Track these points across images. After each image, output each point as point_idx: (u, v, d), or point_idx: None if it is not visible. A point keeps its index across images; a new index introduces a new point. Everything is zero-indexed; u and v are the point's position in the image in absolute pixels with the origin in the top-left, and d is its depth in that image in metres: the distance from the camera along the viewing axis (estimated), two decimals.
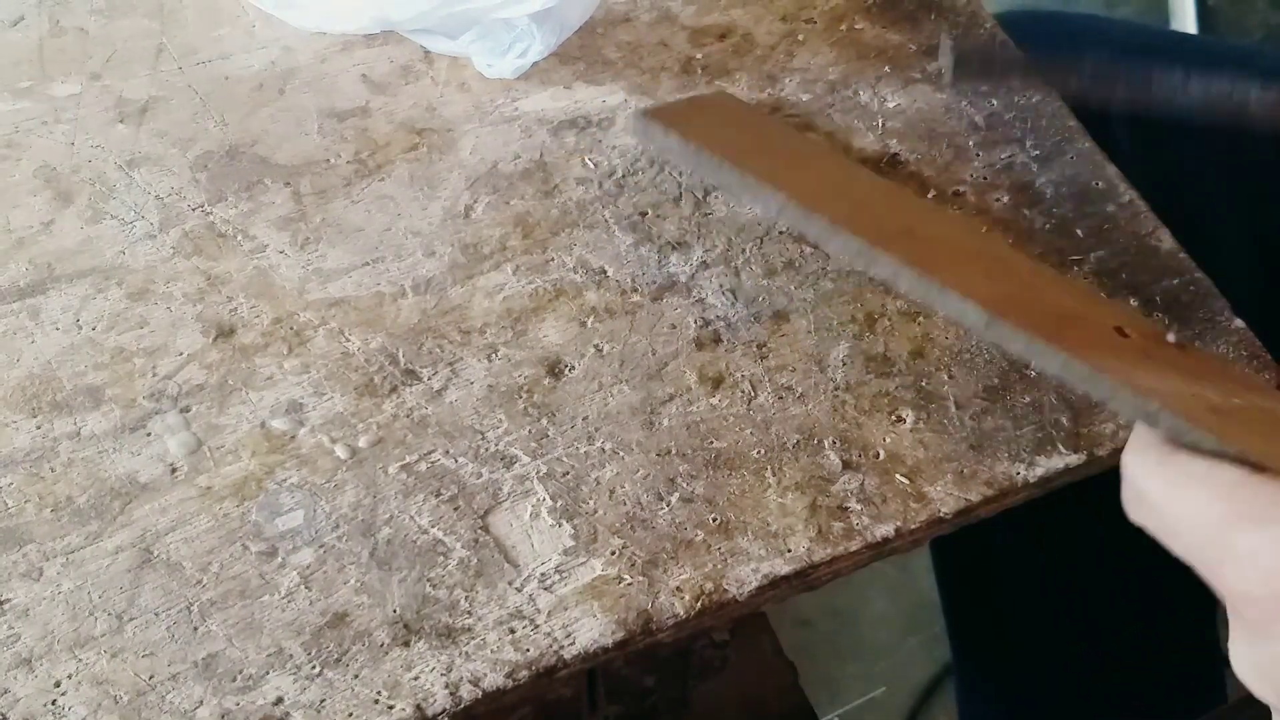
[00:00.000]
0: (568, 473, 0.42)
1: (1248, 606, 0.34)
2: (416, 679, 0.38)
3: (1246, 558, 0.34)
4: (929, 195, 0.49)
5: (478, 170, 0.50)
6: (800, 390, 0.45)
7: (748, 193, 0.44)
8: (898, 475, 0.43)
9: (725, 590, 0.40)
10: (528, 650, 0.39)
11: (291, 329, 0.45)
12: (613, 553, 0.41)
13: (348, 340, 0.45)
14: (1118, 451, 0.41)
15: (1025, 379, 0.45)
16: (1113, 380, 0.36)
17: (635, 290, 0.47)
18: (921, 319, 0.46)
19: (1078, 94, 0.42)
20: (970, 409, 0.44)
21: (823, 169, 0.48)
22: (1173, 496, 0.36)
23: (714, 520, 0.42)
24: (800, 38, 0.55)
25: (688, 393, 0.44)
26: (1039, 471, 0.43)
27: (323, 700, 0.38)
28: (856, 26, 0.55)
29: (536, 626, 0.39)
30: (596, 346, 0.45)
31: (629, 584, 0.40)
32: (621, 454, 0.43)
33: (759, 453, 0.43)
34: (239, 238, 0.48)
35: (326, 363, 0.45)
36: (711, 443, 0.43)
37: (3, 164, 0.49)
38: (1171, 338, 0.42)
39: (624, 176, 0.50)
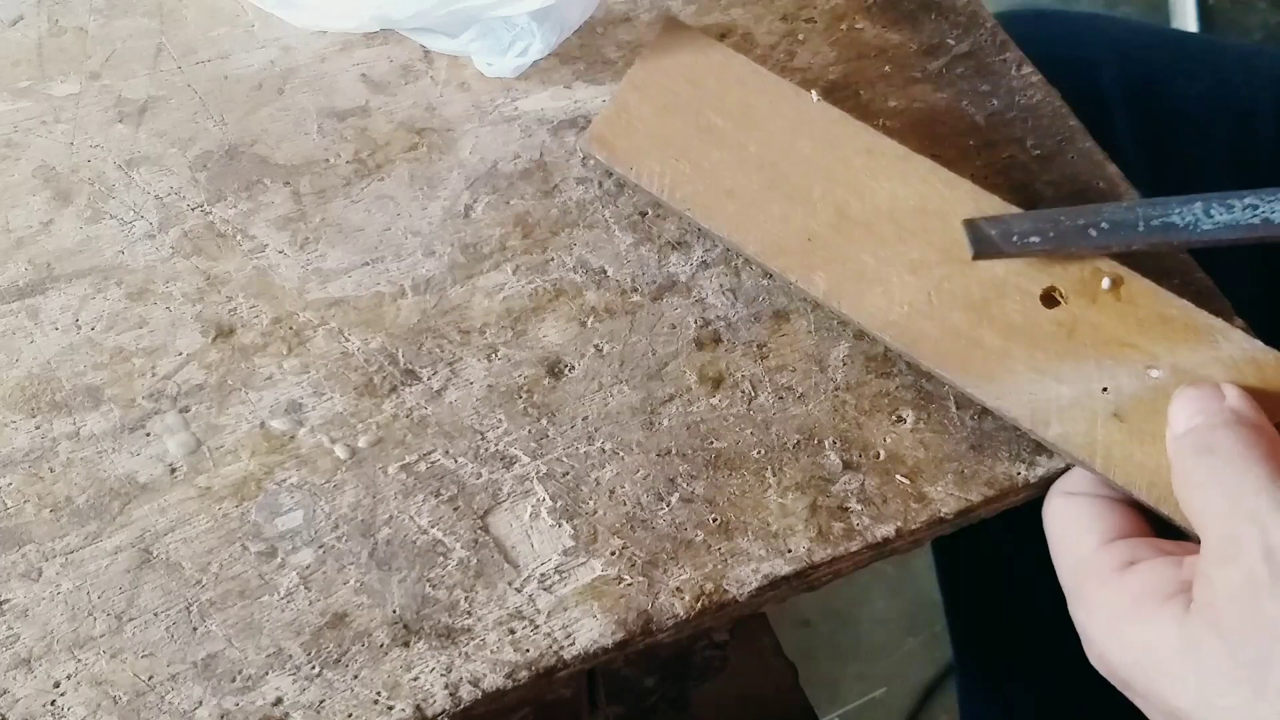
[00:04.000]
0: (568, 473, 0.42)
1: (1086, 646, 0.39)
2: (416, 679, 0.38)
3: (1084, 635, 0.39)
4: None
5: (478, 170, 0.50)
6: (800, 390, 0.44)
7: (689, 221, 0.48)
8: (898, 475, 0.43)
9: (725, 590, 0.40)
10: (528, 651, 0.39)
11: (291, 329, 0.45)
12: (613, 553, 0.41)
13: (347, 340, 0.45)
14: None
15: None
16: (1012, 413, 0.42)
17: (635, 290, 0.47)
18: None
19: (1098, 247, 0.43)
20: (970, 409, 0.44)
21: (769, 130, 0.48)
22: (1056, 532, 0.40)
23: (714, 520, 0.42)
24: (800, 37, 0.55)
25: (688, 393, 0.44)
26: (1039, 472, 0.43)
27: (322, 701, 0.38)
28: (857, 26, 0.55)
29: (536, 627, 0.39)
30: (596, 346, 0.45)
31: (629, 584, 0.40)
32: (621, 454, 0.43)
33: (759, 453, 0.43)
34: (238, 237, 0.48)
35: (326, 363, 0.45)
36: (711, 443, 0.43)
37: (1, 163, 0.49)
38: (1106, 284, 0.43)
39: (624, 176, 0.50)
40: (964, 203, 0.46)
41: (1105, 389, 0.41)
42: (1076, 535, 0.40)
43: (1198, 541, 0.37)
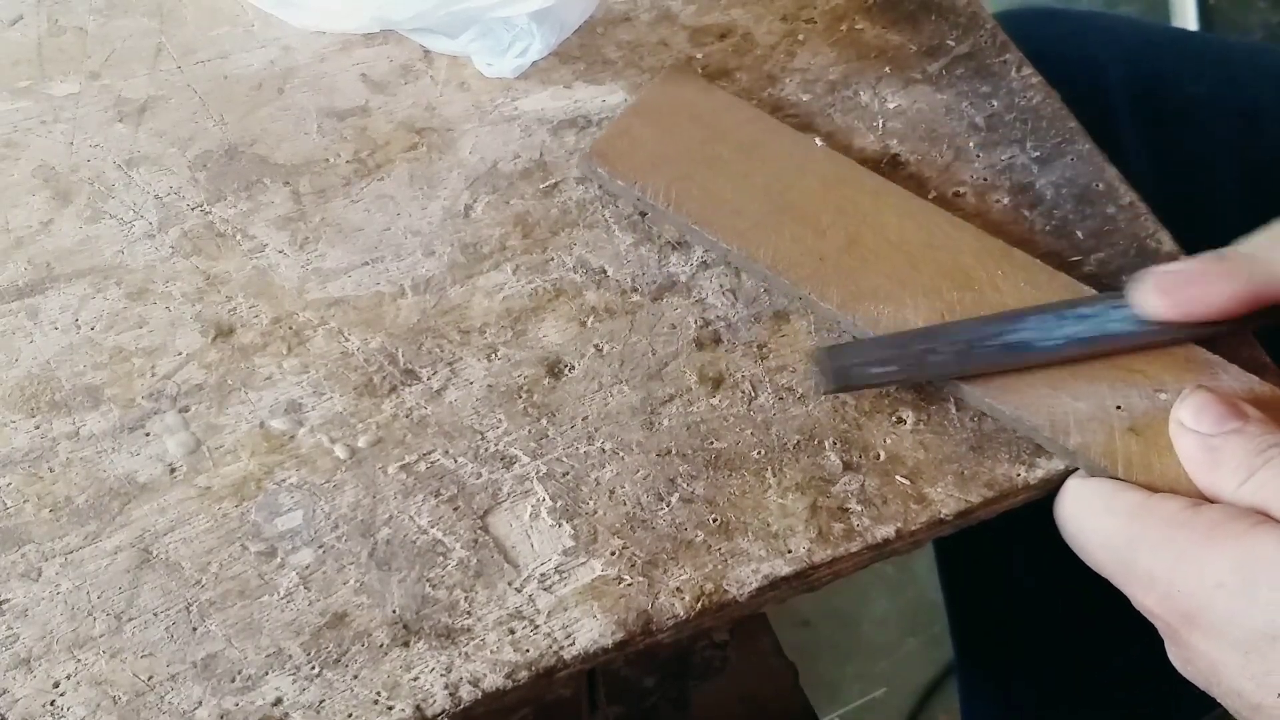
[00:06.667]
0: (568, 473, 0.42)
1: (1154, 619, 0.38)
2: (416, 679, 0.38)
3: (1145, 579, 0.39)
4: (929, 196, 0.49)
5: (477, 170, 0.50)
6: (801, 391, 0.44)
7: (693, 235, 0.48)
8: (898, 476, 0.43)
9: (725, 591, 0.40)
10: (527, 651, 0.39)
11: (291, 329, 0.45)
12: (613, 553, 0.41)
13: (347, 340, 0.45)
14: None
15: None
16: (1031, 422, 0.42)
17: (635, 290, 0.47)
18: None
19: (941, 375, 0.43)
20: (970, 410, 0.44)
21: (775, 166, 0.49)
22: (1083, 520, 0.40)
23: (714, 521, 0.41)
24: (800, 37, 0.55)
25: (688, 393, 0.44)
26: (1039, 473, 0.43)
27: (322, 701, 0.38)
28: (857, 26, 0.55)
29: (536, 627, 0.39)
30: (596, 346, 0.45)
31: (629, 584, 0.40)
32: (621, 454, 0.43)
33: (759, 453, 0.43)
34: (238, 237, 0.48)
35: (326, 362, 0.45)
36: (711, 443, 0.43)
37: (1, 163, 0.49)
38: None
39: (626, 192, 0.50)
40: (970, 243, 0.46)
41: (1119, 407, 0.42)
42: (1119, 495, 0.40)
43: None
